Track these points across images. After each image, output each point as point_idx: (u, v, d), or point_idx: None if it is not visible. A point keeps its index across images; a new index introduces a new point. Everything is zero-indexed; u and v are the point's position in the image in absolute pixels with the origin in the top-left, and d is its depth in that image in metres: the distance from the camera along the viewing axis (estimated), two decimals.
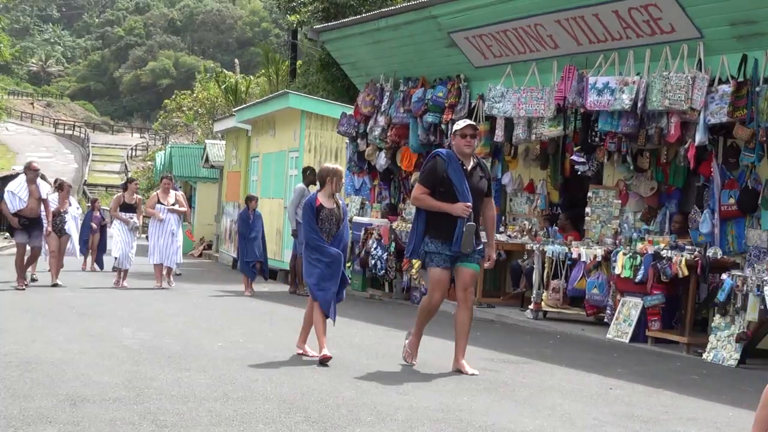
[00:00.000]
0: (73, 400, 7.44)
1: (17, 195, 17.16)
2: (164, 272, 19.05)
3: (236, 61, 59.29)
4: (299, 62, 39.64)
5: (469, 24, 16.91)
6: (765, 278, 11.10)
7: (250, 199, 19.20)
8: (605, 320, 14.01)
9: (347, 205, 21.05)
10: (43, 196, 17.44)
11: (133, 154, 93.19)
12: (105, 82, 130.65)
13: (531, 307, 15.13)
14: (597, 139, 14.60)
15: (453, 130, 9.91)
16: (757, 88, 12.29)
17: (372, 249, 18.33)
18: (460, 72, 17.98)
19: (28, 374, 8.44)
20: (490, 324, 14.86)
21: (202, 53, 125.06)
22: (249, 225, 18.75)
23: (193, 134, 61.37)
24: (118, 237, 18.90)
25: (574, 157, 15.00)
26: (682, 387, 9.69)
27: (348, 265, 19.73)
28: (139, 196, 19.81)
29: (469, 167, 9.74)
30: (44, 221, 17.57)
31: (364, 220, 19.57)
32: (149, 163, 74.45)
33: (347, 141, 21.25)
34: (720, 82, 12.89)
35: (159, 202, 19.02)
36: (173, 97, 67.57)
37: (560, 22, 15.08)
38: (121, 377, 8.55)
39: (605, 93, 13.79)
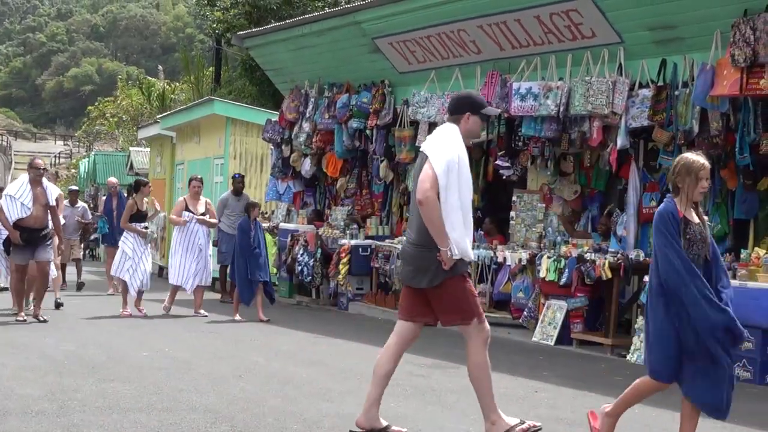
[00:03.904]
0: None
1: (18, 200, 13.75)
2: (194, 296, 16.05)
3: (160, 67, 58.78)
4: (224, 68, 39.45)
5: (393, 30, 16.95)
6: None
7: (252, 207, 15.96)
8: (521, 321, 14.11)
9: (273, 212, 21.05)
10: (51, 202, 14.01)
11: (57, 161, 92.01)
12: (27, 89, 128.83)
13: None
14: (521, 144, 14.72)
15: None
16: (676, 92, 12.47)
17: (298, 255, 18.28)
18: (384, 77, 18.01)
19: None
20: None
21: (126, 59, 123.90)
22: (251, 238, 15.59)
23: (115, 141, 60.79)
24: (131, 253, 15.50)
25: (498, 162, 15.09)
26: (607, 388, 9.77)
27: (275, 272, 19.65)
28: (154, 200, 16.86)
29: None
30: (51, 233, 14.28)
31: (291, 226, 19.52)
32: (73, 171, 73.58)
33: (272, 147, 21.16)
34: (640, 86, 13.06)
35: (187, 209, 16.08)
36: (96, 104, 66.85)
37: (483, 27, 15.17)
38: (44, 389, 8.46)
39: (528, 98, 13.90)
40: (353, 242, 17.33)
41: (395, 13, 16.66)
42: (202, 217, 16.03)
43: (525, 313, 14.01)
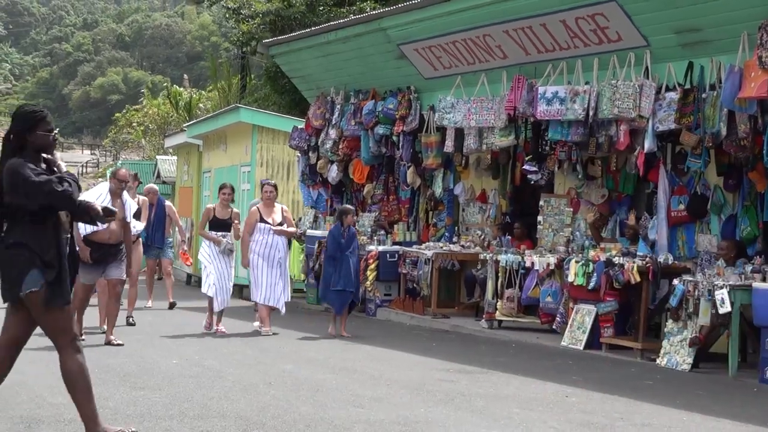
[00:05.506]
0: (28, 422, 7.38)
1: None
2: (264, 314, 14.27)
3: (185, 76, 58.96)
4: (249, 77, 39.54)
5: (418, 36, 16.96)
6: (716, 283, 11.21)
7: (344, 213, 14.71)
8: (553, 327, 14.08)
9: (301, 218, 21.07)
10: (128, 218, 12.59)
11: (84, 170, 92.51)
12: (54, 99, 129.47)
13: (485, 316, 15.16)
14: (547, 148, 14.69)
15: None
16: (704, 95, 12.42)
17: None
18: (410, 83, 18.03)
19: None
20: (445, 334, 14.89)
21: (152, 68, 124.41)
22: (341, 246, 14.42)
23: (142, 150, 61.05)
24: (208, 263, 14.38)
25: (525, 167, 15.07)
26: (636, 392, 9.76)
27: (302, 278, 19.68)
28: (235, 209, 15.03)
29: None
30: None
31: (318, 233, 19.51)
32: (100, 180, 73.92)
33: (299, 154, 21.20)
34: (667, 89, 13.02)
35: (262, 219, 14.44)
36: (123, 112, 67.19)
37: (508, 32, 15.16)
38: None
39: (555, 102, 13.87)
40: (381, 248, 17.34)
41: (420, 19, 16.68)
42: (279, 227, 14.42)
43: (558, 318, 13.96)
